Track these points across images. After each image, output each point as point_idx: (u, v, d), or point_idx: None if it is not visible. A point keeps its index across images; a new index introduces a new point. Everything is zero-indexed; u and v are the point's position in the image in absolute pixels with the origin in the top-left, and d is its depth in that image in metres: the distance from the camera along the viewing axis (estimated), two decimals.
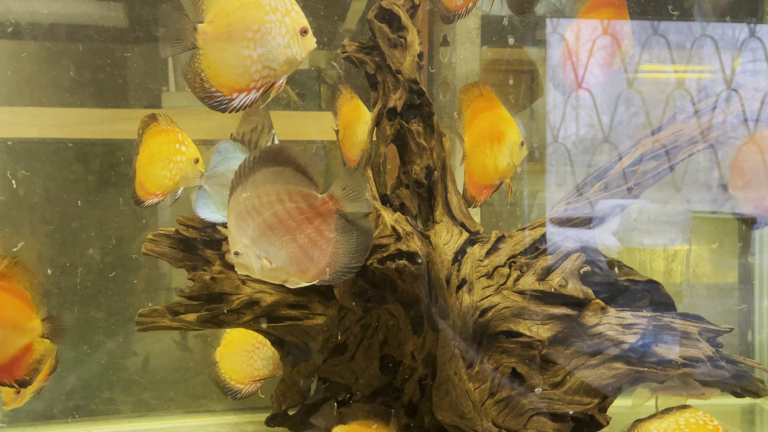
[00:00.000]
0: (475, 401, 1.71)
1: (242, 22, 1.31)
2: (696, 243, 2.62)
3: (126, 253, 2.34)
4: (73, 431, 2.21)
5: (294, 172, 1.37)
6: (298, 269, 1.36)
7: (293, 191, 1.36)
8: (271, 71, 1.35)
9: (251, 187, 1.33)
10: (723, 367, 1.70)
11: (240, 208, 1.33)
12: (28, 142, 2.23)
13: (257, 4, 1.32)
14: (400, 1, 1.82)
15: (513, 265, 1.79)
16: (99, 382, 2.36)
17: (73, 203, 2.29)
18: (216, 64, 1.33)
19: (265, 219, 1.34)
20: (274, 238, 1.34)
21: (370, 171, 1.81)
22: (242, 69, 1.33)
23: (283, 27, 1.33)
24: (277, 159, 1.36)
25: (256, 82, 1.35)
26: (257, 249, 1.33)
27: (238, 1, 1.32)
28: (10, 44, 2.33)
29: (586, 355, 1.72)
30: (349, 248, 1.40)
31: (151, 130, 1.80)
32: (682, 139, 1.84)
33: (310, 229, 1.36)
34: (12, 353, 1.58)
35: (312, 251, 1.36)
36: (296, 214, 1.36)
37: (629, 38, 1.78)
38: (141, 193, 1.83)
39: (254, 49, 1.33)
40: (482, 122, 1.82)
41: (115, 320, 2.37)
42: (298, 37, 1.34)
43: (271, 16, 1.33)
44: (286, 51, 1.34)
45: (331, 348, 1.84)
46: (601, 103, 2.46)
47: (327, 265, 1.38)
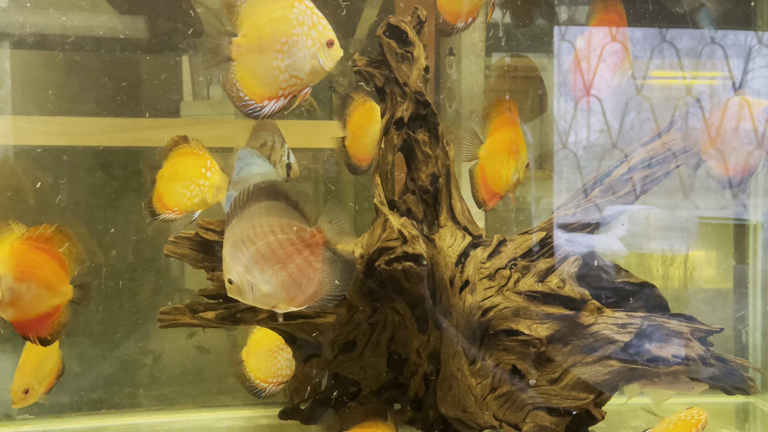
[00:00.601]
0: (477, 396, 1.80)
1: (271, 35, 1.44)
2: (693, 248, 2.69)
3: (147, 255, 2.46)
4: (97, 423, 2.32)
5: (286, 206, 1.49)
6: (287, 296, 1.47)
7: (285, 224, 1.47)
8: (297, 80, 1.47)
9: (246, 219, 1.44)
10: (713, 365, 1.78)
11: (235, 238, 1.44)
12: (56, 150, 2.35)
13: (285, 18, 1.44)
14: (407, 18, 1.93)
15: (513, 267, 1.88)
16: (121, 377, 2.47)
17: (97, 207, 2.41)
18: (248, 75, 1.46)
19: (258, 248, 1.44)
20: (266, 267, 1.45)
21: (378, 178, 1.92)
22: (271, 78, 1.46)
23: (309, 39, 1.45)
24: (270, 194, 1.48)
25: (284, 90, 1.47)
26: (250, 276, 1.44)
27: (268, 15, 1.44)
28: (40, 55, 2.45)
29: (583, 353, 1.81)
30: (334, 278, 1.51)
31: (180, 150, 1.89)
32: (675, 148, 1.93)
33: (299, 259, 1.47)
34: (42, 311, 1.72)
35: (300, 280, 1.47)
36: (287, 245, 1.46)
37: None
38: (158, 206, 1.92)
39: (282, 60, 1.45)
40: (505, 135, 1.94)
41: (137, 318, 2.48)
42: (324, 48, 1.46)
43: (298, 30, 1.44)
44: (312, 61, 1.46)
45: (341, 345, 1.94)
46: (611, 109, 2.53)
47: (314, 292, 1.49)
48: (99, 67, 2.52)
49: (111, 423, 2.31)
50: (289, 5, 1.44)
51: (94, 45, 2.51)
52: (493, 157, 1.95)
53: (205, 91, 2.75)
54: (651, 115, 2.52)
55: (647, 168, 1.94)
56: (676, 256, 2.68)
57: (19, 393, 1.90)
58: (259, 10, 1.44)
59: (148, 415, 2.38)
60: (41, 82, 2.47)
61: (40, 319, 1.73)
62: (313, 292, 1.48)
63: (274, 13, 1.44)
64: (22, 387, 1.90)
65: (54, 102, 2.43)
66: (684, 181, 2.52)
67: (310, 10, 1.45)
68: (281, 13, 1.44)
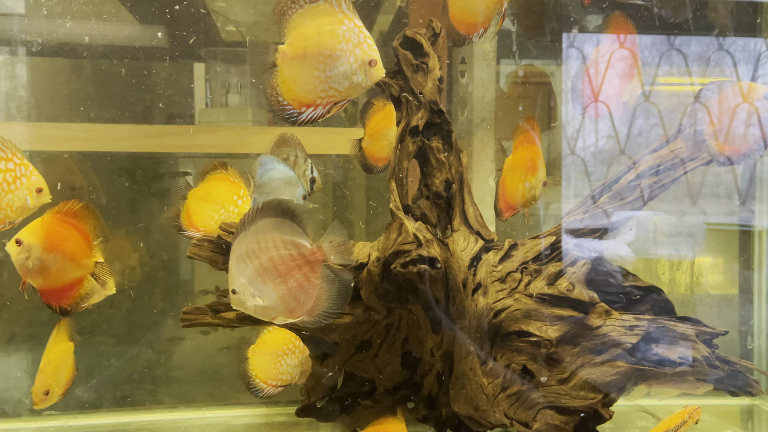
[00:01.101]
0: (488, 395, 1.86)
1: (317, 47, 1.51)
2: (702, 254, 2.74)
3: (167, 257, 2.53)
4: (119, 420, 2.39)
5: (290, 223, 1.56)
6: (286, 309, 1.54)
7: (287, 240, 1.54)
8: (336, 92, 1.54)
9: (252, 234, 1.52)
10: (718, 367, 1.84)
11: (241, 251, 1.51)
12: (82, 155, 2.43)
13: (332, 33, 1.51)
14: (422, 30, 2.00)
15: (524, 270, 1.94)
16: (143, 375, 2.54)
17: (121, 211, 2.49)
18: (290, 81, 1.54)
19: (261, 262, 1.51)
20: (267, 280, 1.52)
21: (393, 183, 1.98)
22: (311, 87, 1.53)
23: (352, 56, 1.52)
24: (276, 211, 1.54)
25: (322, 100, 1.54)
26: (252, 288, 1.51)
27: (316, 28, 1.51)
28: (68, 63, 2.54)
29: (591, 354, 1.86)
30: (331, 295, 1.57)
31: (217, 174, 1.97)
32: (682, 155, 1.99)
33: (299, 274, 1.54)
34: (66, 281, 1.80)
35: (299, 294, 1.54)
36: (288, 260, 1.53)
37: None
38: (185, 222, 1.99)
39: (324, 71, 1.52)
40: (526, 152, 2.02)
41: (157, 317, 2.56)
42: (365, 66, 1.52)
43: (343, 45, 1.51)
44: (352, 77, 1.53)
45: (357, 344, 2.01)
46: (619, 115, 2.57)
47: (311, 307, 1.55)
48: (121, 75, 2.60)
49: (132, 419, 2.37)
50: (339, 21, 1.51)
51: (118, 53, 2.60)
52: (513, 172, 2.03)
53: (222, 98, 2.83)
54: (658, 121, 2.56)
55: (655, 175, 2.00)
56: (682, 261, 2.72)
57: (40, 394, 1.95)
58: (309, 21, 1.52)
59: (168, 412, 2.44)
60: (69, 90, 2.55)
61: (63, 290, 1.83)
62: (311, 307, 1.55)
63: (323, 26, 1.51)
64: (43, 388, 1.95)
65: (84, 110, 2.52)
66: (692, 188, 2.56)
67: (358, 29, 1.52)
68: (329, 28, 1.51)
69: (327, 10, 1.51)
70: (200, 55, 2.79)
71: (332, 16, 1.51)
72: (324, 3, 1.52)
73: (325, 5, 1.51)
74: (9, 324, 2.52)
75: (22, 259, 1.76)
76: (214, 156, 2.65)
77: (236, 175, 1.98)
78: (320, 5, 1.52)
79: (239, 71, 2.82)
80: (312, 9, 1.52)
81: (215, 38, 2.83)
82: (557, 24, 2.49)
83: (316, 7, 1.52)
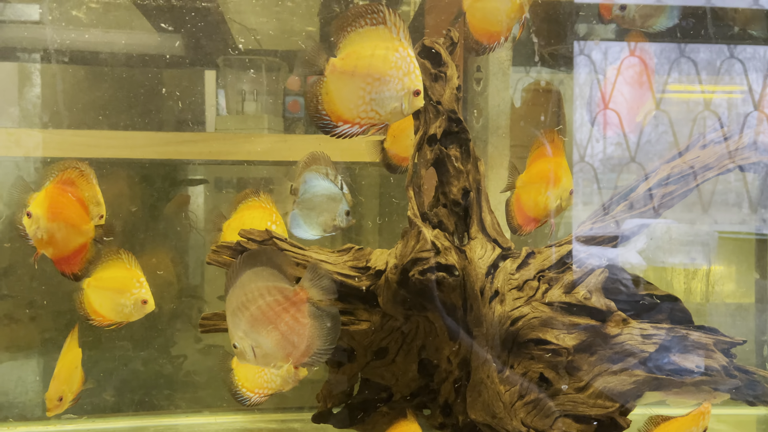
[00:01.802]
0: (505, 402, 1.87)
1: (367, 67, 1.55)
2: (716, 262, 2.73)
3: (184, 262, 2.56)
4: (137, 424, 2.41)
5: (271, 270, 1.61)
6: (284, 353, 1.59)
7: (271, 287, 1.60)
8: (376, 115, 1.58)
9: (239, 287, 1.59)
10: (736, 377, 1.84)
11: (233, 306, 1.58)
12: (102, 162, 2.47)
13: (386, 58, 1.55)
14: (440, 39, 2.02)
15: (541, 278, 1.95)
16: (160, 380, 2.56)
17: (139, 216, 2.52)
18: (333, 93, 1.57)
19: (251, 313, 1.57)
20: (260, 329, 1.58)
21: (411, 191, 2.00)
22: (353, 105, 1.57)
23: (399, 83, 1.56)
24: (256, 260, 1.61)
25: (360, 120, 1.58)
26: (249, 340, 1.57)
27: (371, 50, 1.55)
28: (89, 71, 2.57)
29: (609, 362, 1.87)
30: (323, 332, 1.61)
31: (249, 203, 2.02)
32: (701, 164, 2.00)
33: (288, 317, 1.59)
34: (72, 248, 1.85)
35: (292, 337, 1.59)
36: (275, 306, 1.59)
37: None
38: None
39: (368, 93, 1.56)
40: (542, 166, 2.04)
41: (175, 323, 2.58)
42: (409, 96, 1.57)
43: (393, 72, 1.55)
44: (395, 104, 1.57)
45: (373, 351, 2.02)
46: (628, 122, 2.58)
47: (307, 347, 1.60)
48: (138, 83, 2.63)
49: (150, 423, 2.40)
50: (394, 48, 1.54)
51: (137, 61, 2.63)
52: (529, 187, 2.05)
53: (239, 106, 2.86)
54: (668, 128, 2.57)
55: (671, 185, 2.00)
56: (696, 270, 2.72)
57: (54, 400, 1.97)
58: (365, 41, 1.55)
59: (185, 416, 2.46)
60: (90, 98, 2.59)
61: (72, 257, 1.87)
62: (306, 347, 1.60)
63: (378, 50, 1.54)
64: (57, 395, 1.98)
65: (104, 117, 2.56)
66: (702, 196, 2.56)
67: (409, 58, 1.55)
68: (384, 53, 1.54)
69: (385, 35, 1.55)
70: (217, 63, 2.82)
71: (389, 42, 1.55)
72: (384, 27, 1.55)
73: (384, 30, 1.55)
74: (28, 329, 2.55)
75: (34, 230, 1.82)
76: (230, 163, 2.68)
77: (268, 201, 2.02)
78: (380, 29, 1.55)
79: (255, 79, 2.85)
80: (371, 31, 1.56)
81: (231, 46, 2.87)
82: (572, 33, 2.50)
83: (375, 29, 1.55)
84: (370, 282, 1.92)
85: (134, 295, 1.96)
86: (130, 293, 1.96)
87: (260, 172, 2.74)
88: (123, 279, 1.96)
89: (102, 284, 1.97)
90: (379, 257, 1.95)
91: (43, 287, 2.53)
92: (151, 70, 2.64)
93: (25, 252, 2.48)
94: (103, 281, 1.97)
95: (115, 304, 1.96)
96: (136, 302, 1.96)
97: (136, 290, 1.96)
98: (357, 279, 1.92)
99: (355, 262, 1.96)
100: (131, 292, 1.96)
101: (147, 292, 1.97)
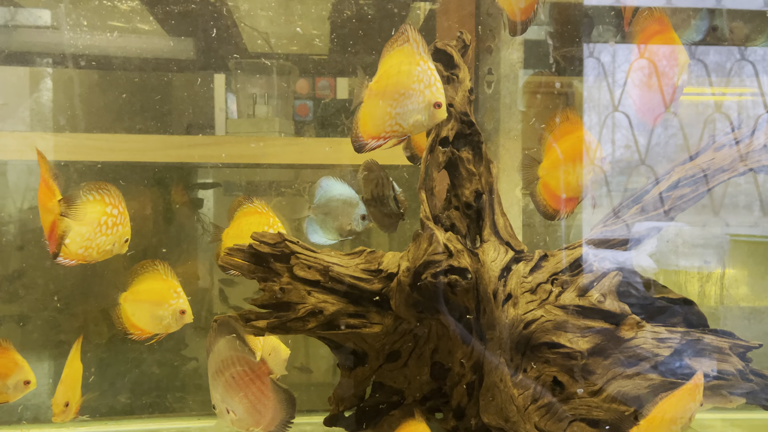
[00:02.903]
0: (518, 406, 1.86)
1: (395, 85, 1.61)
2: (730, 266, 2.71)
3: (198, 264, 2.57)
4: (150, 426, 2.41)
5: (240, 340, 1.74)
6: (254, 420, 1.69)
7: (240, 357, 1.72)
8: (400, 128, 1.63)
9: (216, 354, 1.72)
10: (752, 380, 1.82)
11: (212, 370, 1.70)
12: (115, 165, 2.49)
13: (409, 73, 1.60)
14: (453, 42, 2.02)
15: (555, 281, 1.94)
16: (172, 382, 2.57)
17: (153, 219, 2.53)
18: (366, 114, 1.66)
19: (226, 379, 1.69)
20: (233, 395, 1.69)
21: (423, 194, 2.00)
22: (381, 121, 1.63)
23: (421, 96, 1.60)
24: (227, 330, 1.73)
25: (386, 133, 1.64)
26: (225, 404, 1.69)
27: (398, 68, 1.62)
28: (102, 75, 2.59)
29: (623, 366, 1.85)
30: (282, 405, 1.72)
31: (244, 209, 2.03)
32: (714, 167, 1.98)
33: (254, 387, 1.70)
34: (48, 228, 1.84)
35: (259, 406, 1.69)
36: (244, 375, 1.70)
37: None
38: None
39: (394, 108, 1.62)
40: (564, 144, 2.01)
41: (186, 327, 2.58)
42: (430, 108, 1.60)
43: (415, 86, 1.60)
44: (417, 116, 1.61)
45: (385, 354, 2.02)
46: (637, 124, 2.54)
47: (272, 417, 1.71)
48: (151, 87, 2.65)
49: (163, 426, 2.40)
50: (415, 63, 1.60)
51: (150, 65, 2.65)
52: (554, 172, 1.99)
53: (250, 109, 2.87)
54: (678, 131, 2.55)
55: (684, 187, 1.99)
56: (710, 273, 2.70)
57: (60, 406, 1.97)
58: (394, 61, 1.63)
59: (197, 419, 2.47)
60: (105, 102, 2.61)
61: (51, 236, 1.86)
62: (272, 416, 1.71)
63: (403, 66, 1.60)
64: (64, 400, 1.97)
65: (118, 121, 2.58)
66: (714, 199, 2.54)
67: (430, 71, 1.60)
68: (407, 68, 1.60)
69: (409, 51, 1.61)
70: (228, 66, 2.84)
71: (411, 57, 1.60)
72: (408, 45, 1.61)
73: (409, 47, 1.61)
74: (42, 330, 2.57)
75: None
76: (243, 166, 2.69)
77: (263, 206, 2.03)
78: (405, 47, 1.62)
79: (266, 82, 2.86)
80: (399, 50, 1.63)
81: (242, 50, 2.88)
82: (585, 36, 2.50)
83: (402, 49, 1.62)
84: (382, 285, 1.92)
85: (172, 306, 1.97)
86: (168, 304, 1.97)
87: (272, 176, 2.75)
88: (160, 290, 1.97)
89: (139, 297, 1.98)
90: (392, 260, 1.95)
91: (55, 289, 2.54)
92: (164, 74, 2.66)
93: (38, 255, 2.50)
94: (140, 294, 1.98)
95: (154, 316, 1.97)
96: (175, 313, 1.97)
97: (174, 301, 1.97)
98: (369, 282, 1.92)
99: (368, 265, 1.96)
100: (169, 303, 1.97)
101: (185, 303, 1.99)
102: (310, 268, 1.92)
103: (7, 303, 2.55)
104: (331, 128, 2.79)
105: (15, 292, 2.52)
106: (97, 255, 1.89)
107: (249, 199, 2.03)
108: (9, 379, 1.96)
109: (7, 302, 2.54)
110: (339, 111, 2.83)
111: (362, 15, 2.70)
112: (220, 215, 2.74)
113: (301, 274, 1.91)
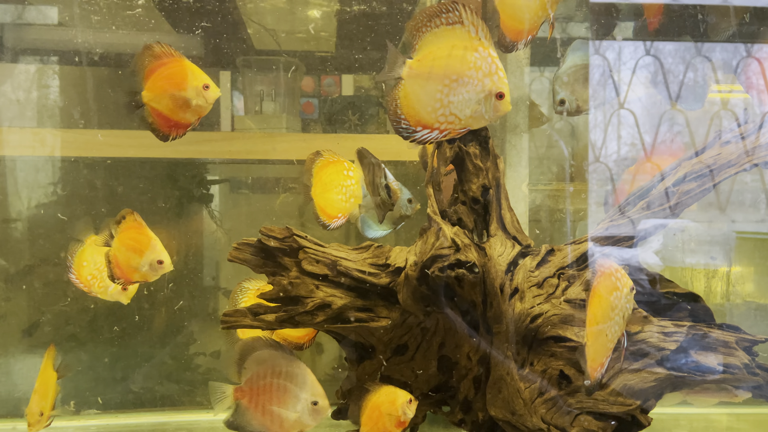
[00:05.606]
0: (525, 399, 1.87)
1: (444, 68, 1.46)
2: (736, 262, 2.71)
3: (207, 259, 2.58)
4: (158, 419, 2.43)
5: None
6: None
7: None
8: (456, 119, 1.49)
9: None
10: (758, 375, 1.83)
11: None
12: (124, 161, 2.50)
13: (463, 58, 1.46)
14: None
15: (561, 276, 1.95)
16: (182, 376, 2.59)
17: (162, 214, 2.55)
18: (411, 96, 1.49)
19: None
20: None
21: (431, 189, 2.01)
22: (431, 108, 1.48)
23: (480, 85, 1.46)
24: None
25: (440, 124, 1.50)
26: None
27: (448, 50, 1.46)
28: (110, 72, 2.61)
29: (629, 360, 1.87)
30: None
31: (318, 164, 2.02)
32: (720, 162, 1.99)
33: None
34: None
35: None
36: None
37: None
38: (325, 218, 2.03)
39: (447, 95, 1.47)
40: None
41: (194, 320, 2.61)
42: (491, 98, 1.47)
43: (472, 73, 1.46)
44: (476, 107, 1.47)
45: (393, 348, 2.03)
46: (643, 122, 2.56)
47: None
48: None
49: (171, 419, 2.42)
50: (472, 48, 1.46)
51: None
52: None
53: (257, 106, 2.89)
54: (683, 128, 2.56)
55: (689, 182, 1.99)
56: (717, 270, 2.70)
57: (35, 415, 1.94)
58: (442, 42, 1.48)
59: (205, 413, 2.48)
60: (112, 98, 2.62)
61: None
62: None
63: (455, 50, 1.47)
64: (39, 409, 1.94)
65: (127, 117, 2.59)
66: (720, 196, 2.55)
67: (491, 58, 1.46)
68: (461, 53, 1.46)
69: (463, 35, 1.46)
70: (235, 63, 2.85)
71: (467, 41, 1.46)
72: (461, 27, 1.46)
73: (462, 29, 1.46)
74: (49, 324, 2.59)
75: None
76: (251, 162, 2.70)
77: (332, 155, 2.02)
78: (457, 29, 1.46)
79: (273, 79, 2.87)
80: (448, 30, 1.47)
81: (249, 47, 2.90)
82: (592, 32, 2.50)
83: (452, 29, 1.47)
84: (389, 279, 1.93)
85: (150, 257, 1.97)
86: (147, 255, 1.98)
87: (279, 172, 2.77)
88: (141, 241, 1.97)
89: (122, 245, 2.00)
90: (399, 254, 1.96)
91: (63, 285, 2.56)
92: None
93: (47, 249, 2.52)
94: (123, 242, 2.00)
95: (132, 265, 1.98)
96: (153, 263, 1.97)
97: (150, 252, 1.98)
98: (377, 276, 1.93)
99: (375, 260, 1.97)
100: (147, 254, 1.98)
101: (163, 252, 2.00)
102: (318, 263, 1.94)
103: (17, 297, 2.57)
104: (338, 124, 2.80)
105: (30, 284, 2.54)
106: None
107: (318, 154, 2.02)
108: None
109: (17, 297, 2.57)
110: (345, 108, 2.84)
111: (369, 13, 2.71)
112: (227, 212, 2.76)
113: (310, 269, 1.92)
